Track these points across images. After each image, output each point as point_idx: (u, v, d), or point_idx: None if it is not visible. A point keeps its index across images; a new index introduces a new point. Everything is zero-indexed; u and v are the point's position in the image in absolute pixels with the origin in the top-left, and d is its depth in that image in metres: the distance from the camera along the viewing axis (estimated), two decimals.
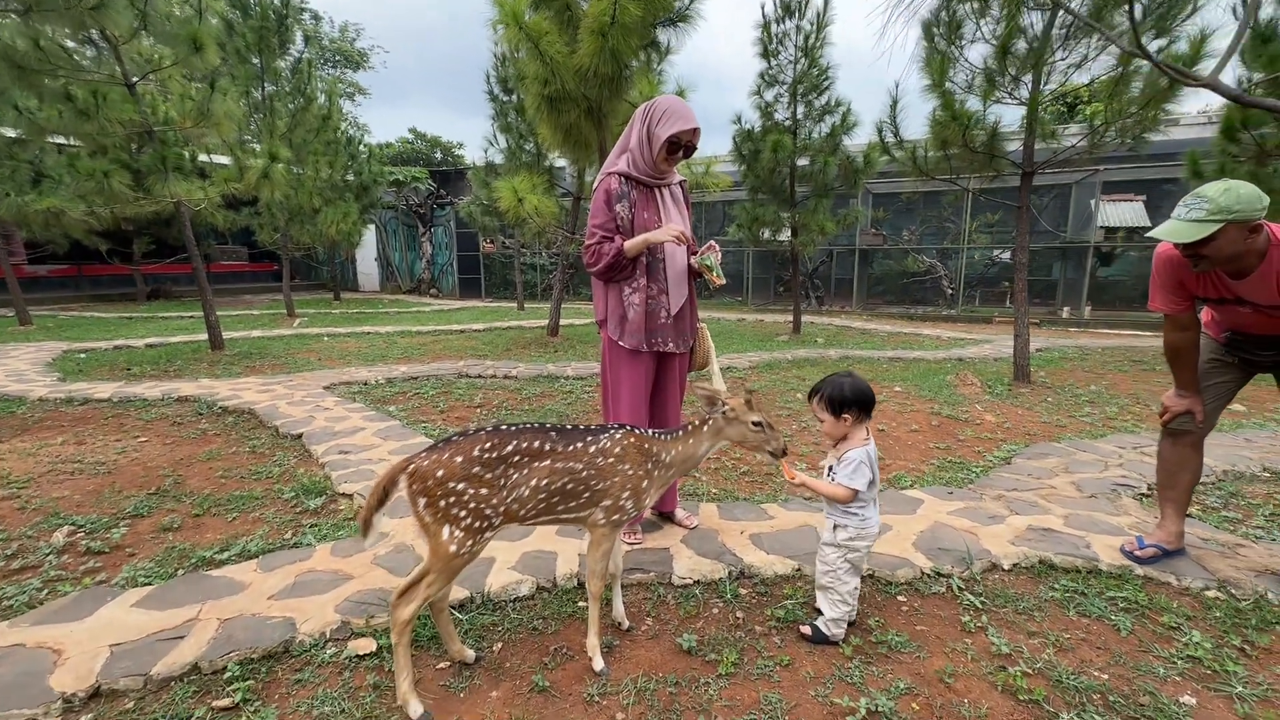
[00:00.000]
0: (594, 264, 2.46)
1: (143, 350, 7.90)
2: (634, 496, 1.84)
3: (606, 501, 1.81)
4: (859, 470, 1.95)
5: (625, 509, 1.84)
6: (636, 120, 2.45)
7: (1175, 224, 1.98)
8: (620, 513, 1.83)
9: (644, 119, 2.42)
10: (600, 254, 2.42)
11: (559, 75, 4.55)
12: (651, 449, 1.91)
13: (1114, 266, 13.31)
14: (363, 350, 8.05)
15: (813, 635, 2.03)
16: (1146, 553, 2.45)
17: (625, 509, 1.84)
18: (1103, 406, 5.12)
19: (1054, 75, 5.76)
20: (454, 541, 1.60)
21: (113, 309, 13.46)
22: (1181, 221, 1.97)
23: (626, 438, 1.87)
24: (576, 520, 1.83)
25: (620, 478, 1.81)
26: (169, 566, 2.51)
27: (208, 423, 4.61)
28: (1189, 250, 2.00)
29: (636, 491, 1.85)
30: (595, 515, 1.82)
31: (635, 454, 1.86)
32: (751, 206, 9.28)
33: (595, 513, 1.82)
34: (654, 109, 2.39)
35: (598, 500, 1.81)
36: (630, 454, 1.85)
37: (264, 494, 3.29)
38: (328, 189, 12.31)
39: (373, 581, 2.32)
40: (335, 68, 29.92)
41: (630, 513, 1.86)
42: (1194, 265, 2.06)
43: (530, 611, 2.19)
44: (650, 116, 2.39)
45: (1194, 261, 2.04)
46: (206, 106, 6.71)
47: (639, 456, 1.86)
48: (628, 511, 1.85)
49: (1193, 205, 1.96)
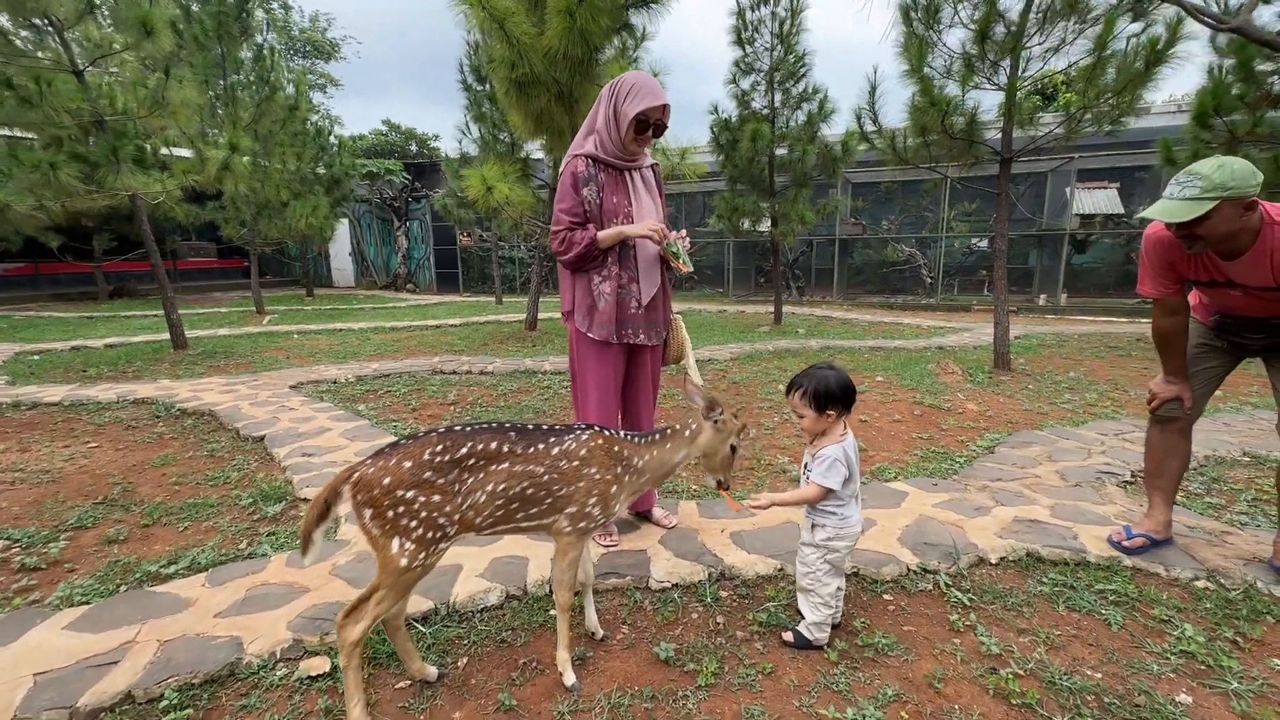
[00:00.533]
0: (564, 252, 2.32)
1: (101, 351, 7.58)
2: (601, 503, 1.71)
3: (571, 508, 1.68)
4: (833, 468, 1.84)
5: (592, 516, 1.70)
6: (603, 99, 2.31)
7: (1168, 203, 1.90)
8: (587, 520, 1.70)
9: (610, 97, 2.28)
10: (570, 242, 2.28)
11: (527, 58, 4.36)
12: (623, 452, 1.77)
13: (1088, 254, 13.47)
14: (334, 347, 7.80)
15: (795, 641, 1.93)
16: (1135, 543, 2.39)
17: (592, 516, 1.70)
18: (1082, 393, 5.11)
19: (1032, 61, 5.72)
20: (405, 554, 1.47)
21: (73, 308, 12.97)
22: (1175, 200, 1.89)
23: (594, 439, 1.74)
24: (539, 528, 1.69)
25: (586, 482, 1.68)
26: (110, 583, 2.34)
27: (165, 426, 4.39)
28: (1183, 231, 1.92)
29: (604, 498, 1.71)
30: (560, 523, 1.68)
31: (603, 457, 1.73)
32: (731, 196, 9.17)
33: (559, 520, 1.68)
34: (620, 86, 2.25)
35: (561, 506, 1.67)
36: (598, 457, 1.71)
37: (220, 501, 3.11)
38: (296, 182, 11.93)
39: (330, 594, 2.17)
40: (306, 58, 29.16)
41: (598, 520, 1.72)
42: (1188, 246, 1.98)
43: (499, 622, 2.07)
44: (617, 94, 2.25)
45: (1188, 243, 1.96)
46: (161, 95, 6.40)
47: (608, 460, 1.73)
48: (595, 519, 1.71)
49: (1186, 183, 1.88)
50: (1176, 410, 2.36)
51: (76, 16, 6.08)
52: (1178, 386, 2.32)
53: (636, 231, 2.27)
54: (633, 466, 1.79)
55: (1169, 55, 5.11)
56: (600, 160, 2.32)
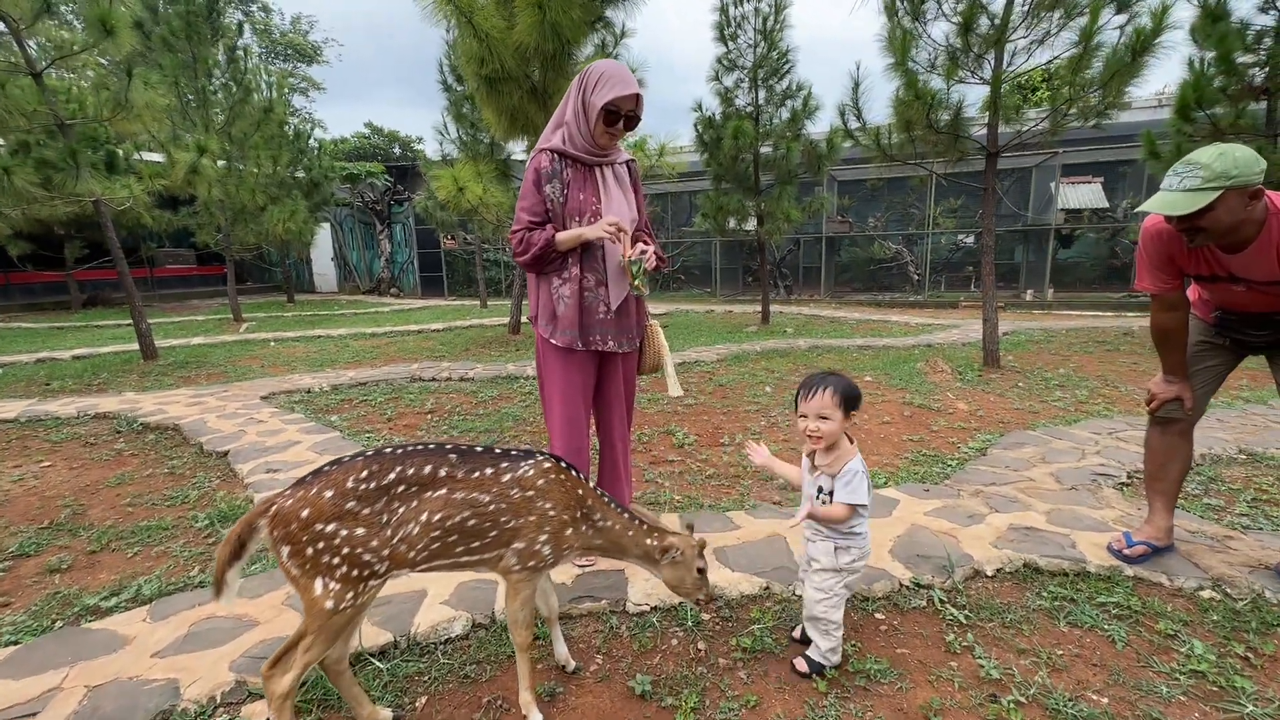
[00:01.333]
0: (521, 253, 2.17)
1: (68, 363, 7.32)
2: (553, 542, 1.53)
3: (519, 544, 1.49)
4: (861, 482, 1.68)
5: (542, 555, 1.52)
6: (572, 90, 2.16)
7: (1169, 195, 1.77)
8: (536, 559, 1.52)
9: (579, 88, 2.12)
10: (528, 243, 2.13)
11: (496, 53, 4.19)
12: (586, 500, 1.60)
13: (1074, 249, 13.51)
14: (311, 355, 7.59)
15: (810, 668, 1.78)
16: (1136, 551, 2.28)
17: (542, 555, 1.52)
18: (1073, 390, 5.03)
19: (1017, 54, 5.64)
20: (330, 596, 1.31)
21: (44, 318, 12.63)
22: (1175, 192, 1.76)
23: (555, 472, 1.56)
24: (482, 564, 1.52)
25: (539, 516, 1.50)
26: (45, 619, 2.16)
27: (125, 442, 4.19)
28: (1184, 224, 1.80)
29: (557, 537, 1.53)
30: (507, 559, 1.51)
31: (561, 494, 1.55)
32: (716, 195, 9.05)
33: (506, 556, 1.50)
34: (589, 75, 2.10)
35: (508, 540, 1.49)
36: (554, 492, 1.54)
37: (175, 523, 2.93)
38: (273, 185, 11.67)
39: (280, 628, 2.01)
40: (287, 61, 28.77)
41: (548, 560, 1.55)
42: (1190, 240, 1.86)
43: (463, 655, 1.91)
44: (585, 84, 2.10)
45: (1189, 236, 1.84)
46: (124, 96, 6.17)
47: (565, 498, 1.55)
48: (545, 559, 1.53)
49: (1185, 173, 1.75)
50: (1177, 411, 2.25)
51: (33, 16, 5.84)
52: (1178, 386, 2.22)
53: (594, 233, 2.11)
54: (591, 520, 1.62)
55: (1155, 45, 5.04)
56: (568, 155, 2.17)
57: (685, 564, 1.67)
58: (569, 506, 1.55)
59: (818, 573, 1.78)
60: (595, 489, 1.68)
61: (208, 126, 9.79)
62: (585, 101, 2.10)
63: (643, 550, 1.69)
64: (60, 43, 6.69)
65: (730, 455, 3.67)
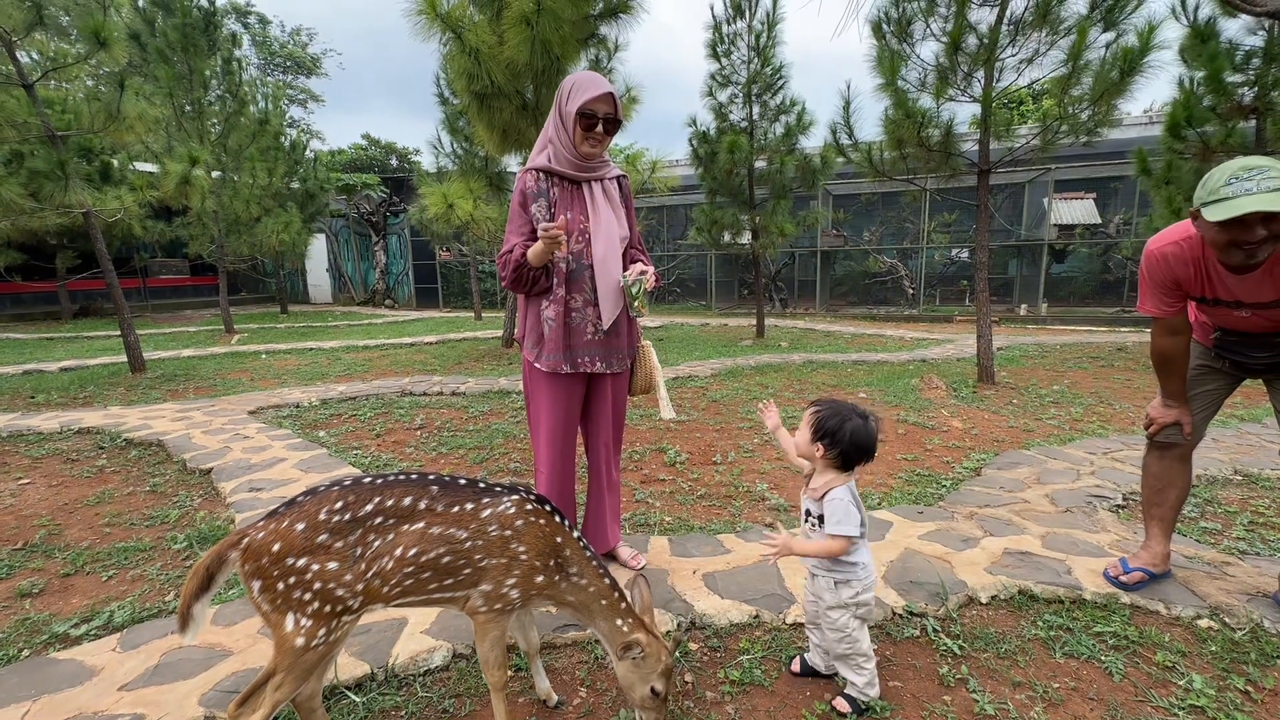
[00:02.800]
0: (504, 277, 2.14)
1: (55, 375, 7.22)
2: (521, 586, 1.46)
3: (486, 585, 1.43)
4: (848, 514, 1.62)
5: (509, 599, 1.46)
6: (554, 107, 2.15)
7: (1261, 196, 1.58)
8: (503, 603, 1.46)
9: (557, 103, 2.12)
10: (504, 263, 2.12)
11: (487, 70, 4.19)
12: (563, 548, 1.52)
13: (1067, 263, 13.58)
14: (301, 368, 7.53)
15: (851, 707, 1.71)
16: (1132, 577, 2.24)
17: (509, 599, 1.46)
18: (1067, 408, 5.01)
19: (1006, 72, 5.68)
20: (301, 633, 1.26)
21: (34, 329, 12.51)
22: (1269, 192, 1.58)
23: (535, 515, 1.49)
24: (451, 602, 1.46)
25: (509, 559, 1.43)
26: (11, 647, 2.09)
27: (107, 458, 4.12)
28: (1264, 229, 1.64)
29: (525, 581, 1.46)
30: (473, 600, 1.45)
31: (537, 539, 1.47)
32: (710, 209, 9.07)
33: (473, 596, 1.44)
34: (562, 89, 2.11)
35: (477, 580, 1.43)
36: (530, 536, 1.46)
37: (153, 545, 2.86)
38: (267, 197, 11.65)
39: (255, 658, 1.95)
40: (285, 73, 28.90)
41: (515, 604, 1.48)
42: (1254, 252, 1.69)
43: (442, 688, 1.85)
44: (560, 97, 2.10)
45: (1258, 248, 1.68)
46: (116, 107, 6.15)
47: (541, 544, 1.48)
48: (512, 602, 1.47)
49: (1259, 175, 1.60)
50: (1176, 435, 2.22)
51: (25, 28, 5.83)
52: (1177, 410, 2.19)
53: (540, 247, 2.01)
54: (565, 572, 1.53)
55: (1142, 65, 5.08)
56: (554, 173, 2.14)
57: (641, 672, 1.49)
58: (542, 553, 1.48)
59: (829, 611, 1.72)
60: (580, 541, 1.58)
61: (203, 138, 9.78)
62: (562, 112, 2.10)
63: (609, 628, 1.55)
64: (54, 54, 6.66)
65: (723, 474, 3.62)
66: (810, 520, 1.73)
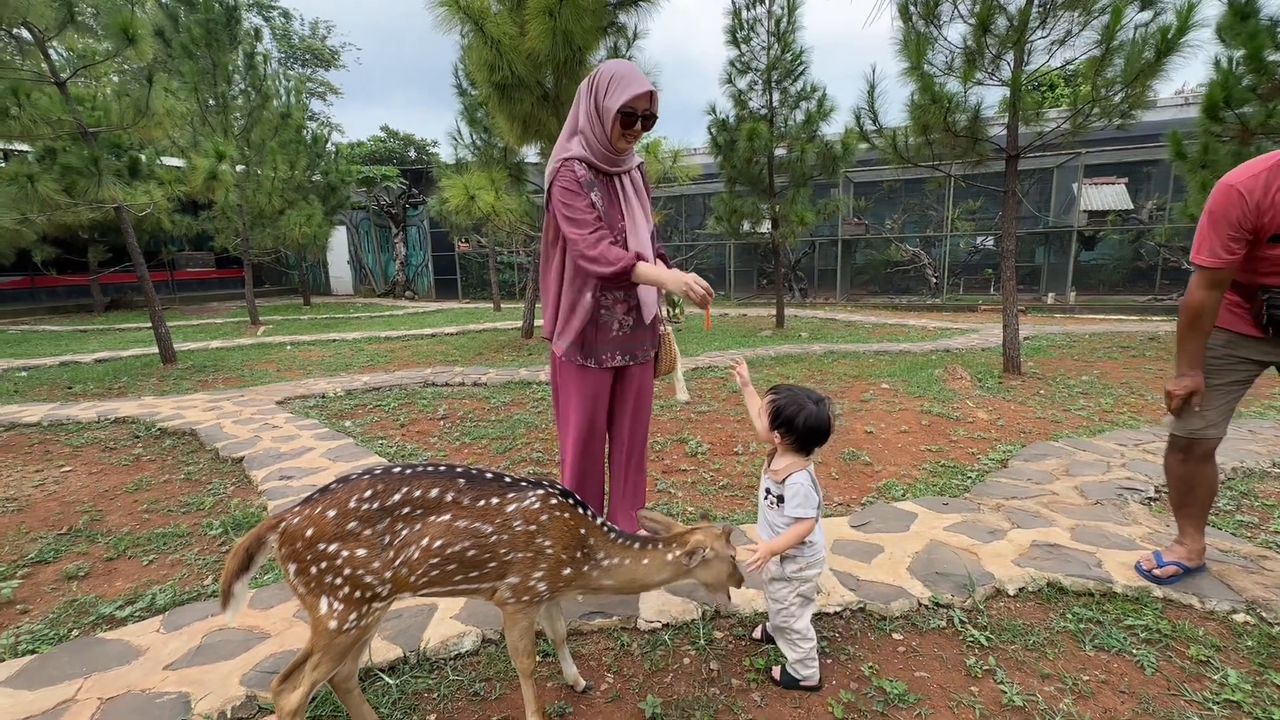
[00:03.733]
0: (593, 261, 1.97)
1: (90, 366, 7.44)
2: (548, 579, 1.49)
3: (513, 578, 1.46)
4: (808, 497, 1.69)
5: (537, 591, 1.49)
6: (582, 95, 2.08)
7: None
8: (531, 595, 1.48)
9: (590, 91, 2.05)
10: (605, 253, 1.96)
11: (508, 60, 4.18)
12: (588, 539, 1.55)
13: (1096, 250, 13.26)
14: (326, 359, 7.66)
15: (782, 679, 1.79)
16: (1166, 571, 2.20)
17: (537, 591, 1.49)
18: (1097, 398, 4.91)
19: (1036, 54, 5.54)
20: (334, 616, 1.30)
21: (68, 321, 12.88)
22: None
23: (560, 509, 1.51)
24: (478, 594, 1.49)
25: (535, 553, 1.46)
26: (61, 627, 2.18)
27: (143, 447, 4.24)
28: None
29: (552, 574, 1.49)
30: (501, 592, 1.47)
31: (562, 532, 1.49)
32: (729, 198, 9.00)
33: (500, 588, 1.47)
34: (599, 79, 2.03)
35: (503, 574, 1.46)
36: (555, 529, 1.49)
37: (190, 530, 2.95)
38: (290, 189, 11.81)
39: (291, 640, 2.01)
40: (306, 66, 29.16)
41: (543, 597, 1.51)
42: None
43: (472, 671, 1.89)
44: (596, 88, 2.03)
45: None
46: (145, 103, 6.27)
47: (567, 537, 1.50)
48: (540, 595, 1.49)
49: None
50: (1196, 427, 2.15)
51: (57, 27, 5.95)
52: (1191, 379, 2.11)
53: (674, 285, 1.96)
54: (594, 560, 1.56)
55: (1179, 44, 4.92)
56: (591, 164, 2.09)
57: (715, 563, 1.63)
58: (568, 546, 1.50)
59: (771, 583, 1.80)
60: (604, 526, 1.61)
61: (226, 132, 9.93)
62: (599, 106, 2.02)
63: (668, 569, 1.62)
64: (84, 51, 6.80)
65: (744, 465, 3.62)
66: (769, 499, 1.78)
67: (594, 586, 1.59)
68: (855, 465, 3.57)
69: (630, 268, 1.97)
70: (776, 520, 1.77)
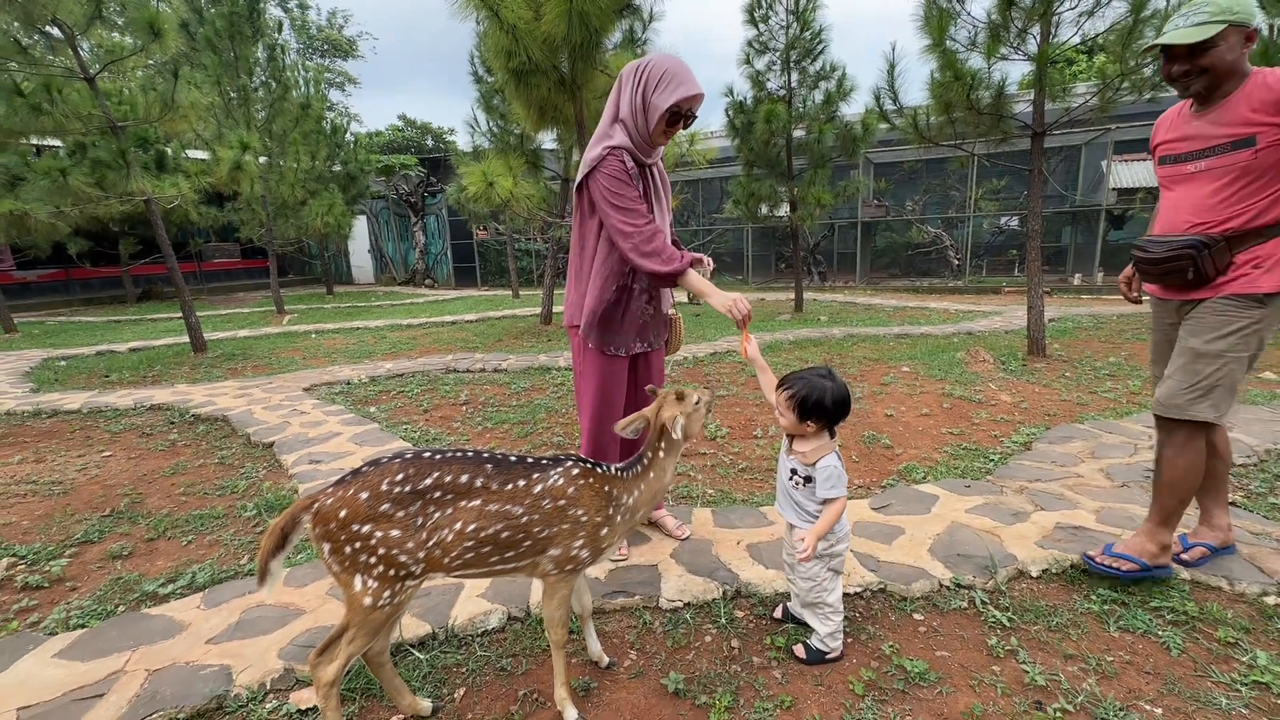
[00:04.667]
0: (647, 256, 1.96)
1: (125, 355, 7.67)
2: (590, 545, 1.55)
3: (555, 550, 1.51)
4: (839, 478, 1.74)
5: (580, 560, 1.55)
6: (625, 84, 2.04)
7: (1179, 30, 1.85)
8: (574, 563, 1.54)
9: (637, 83, 2.01)
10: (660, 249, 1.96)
11: (524, 45, 4.17)
12: (613, 491, 1.60)
13: (1126, 229, 12.89)
14: (349, 347, 7.79)
15: (808, 656, 1.81)
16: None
17: (580, 560, 1.55)
18: (1125, 380, 4.82)
19: (1063, 27, 5.37)
20: (368, 593, 1.35)
21: (102, 312, 13.25)
22: (1184, 28, 1.84)
23: (583, 476, 1.56)
24: (518, 572, 1.54)
25: (572, 524, 1.51)
26: (109, 603, 2.28)
27: (178, 433, 4.38)
28: (1189, 62, 1.87)
29: (593, 540, 1.55)
30: (543, 565, 1.53)
31: (592, 497, 1.55)
32: (747, 181, 8.91)
33: (542, 562, 1.53)
34: (649, 72, 1.99)
35: (543, 548, 1.51)
36: (585, 497, 1.54)
37: (225, 512, 3.05)
38: (312, 180, 11.96)
39: (325, 617, 2.08)
40: (324, 57, 29.33)
41: (586, 563, 1.57)
42: (1187, 86, 1.92)
43: (499, 647, 1.95)
44: (645, 81, 1.99)
45: (1188, 80, 1.90)
46: (171, 96, 6.38)
47: (596, 500, 1.56)
48: (583, 561, 1.56)
49: (1191, 11, 1.86)
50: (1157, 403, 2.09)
51: (85, 22, 6.07)
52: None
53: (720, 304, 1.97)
54: (624, 505, 1.63)
55: None
56: (633, 155, 2.08)
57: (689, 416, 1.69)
58: (600, 508, 1.56)
59: (801, 562, 1.80)
60: (618, 472, 1.66)
61: (249, 124, 10.06)
62: (647, 101, 2.00)
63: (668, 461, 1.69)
64: (111, 46, 6.93)
65: (764, 448, 3.63)
66: (795, 479, 1.80)
67: (629, 526, 1.67)
68: (876, 448, 3.56)
69: (682, 271, 1.98)
70: (804, 500, 1.79)
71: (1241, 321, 1.89)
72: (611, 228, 2.03)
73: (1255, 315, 1.89)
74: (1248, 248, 1.88)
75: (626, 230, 1.99)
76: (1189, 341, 1.97)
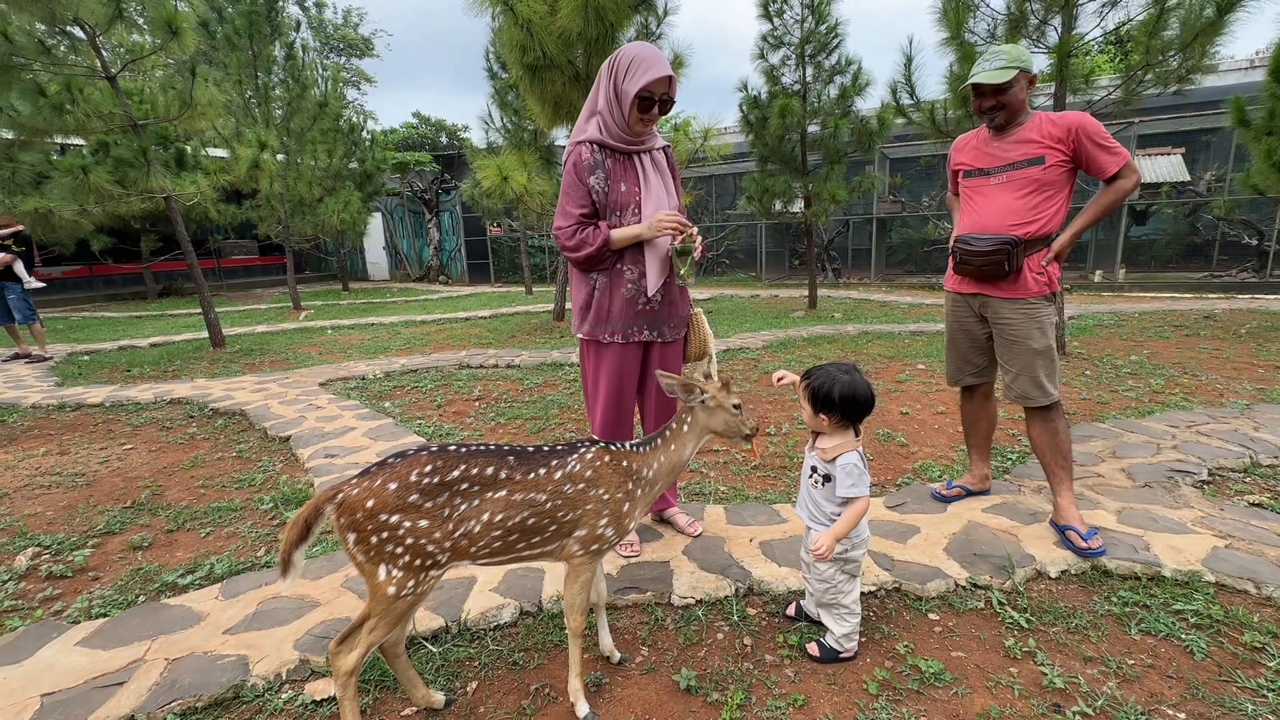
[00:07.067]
0: (574, 251, 2.15)
1: (146, 350, 7.81)
2: (614, 523, 1.60)
3: (581, 531, 1.56)
4: (861, 477, 1.71)
5: (606, 538, 1.59)
6: (602, 77, 2.12)
7: (986, 72, 2.25)
8: (600, 543, 1.59)
9: (609, 75, 2.09)
10: (582, 241, 2.11)
11: (539, 41, 4.16)
12: (631, 466, 1.65)
13: (1149, 225, 12.65)
14: (365, 343, 7.87)
15: (821, 654, 1.80)
16: (953, 491, 2.71)
17: (606, 538, 1.59)
18: (1146, 379, 4.72)
19: (1084, 18, 5.26)
20: (393, 583, 1.37)
21: (124, 308, 13.48)
22: (990, 69, 2.25)
23: (600, 456, 1.61)
24: (545, 556, 1.58)
25: (595, 505, 1.56)
26: (129, 594, 2.32)
27: (197, 426, 4.45)
28: (992, 99, 2.28)
29: (617, 517, 1.60)
30: (570, 547, 1.57)
31: (611, 475, 1.60)
32: (761, 177, 8.84)
33: (569, 544, 1.57)
34: (619, 62, 2.06)
35: (569, 531, 1.56)
36: (605, 476, 1.59)
37: (243, 505, 3.09)
38: (328, 178, 12.07)
39: (340, 609, 2.10)
40: (340, 55, 29.55)
41: (612, 541, 1.61)
42: (991, 119, 2.35)
43: (511, 642, 1.96)
44: (616, 71, 2.06)
45: (993, 113, 2.32)
46: (189, 95, 6.47)
47: (616, 478, 1.60)
48: (609, 540, 1.60)
49: (992, 57, 2.27)
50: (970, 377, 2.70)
51: (107, 22, 6.16)
52: None
53: (653, 233, 2.10)
54: (643, 479, 1.67)
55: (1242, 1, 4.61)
56: (605, 145, 2.14)
57: (721, 405, 1.71)
58: (620, 484, 1.60)
59: (817, 561, 1.79)
60: (636, 447, 1.70)
61: (268, 122, 10.17)
62: (618, 89, 2.07)
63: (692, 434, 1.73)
64: (131, 46, 7.03)
65: (777, 445, 3.61)
66: (814, 477, 1.79)
67: (649, 500, 1.70)
68: (891, 446, 3.52)
69: (605, 240, 2.11)
70: (822, 499, 1.77)
71: (1046, 318, 2.40)
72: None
73: (1050, 310, 2.42)
74: (1031, 254, 2.35)
75: (555, 233, 2.19)
76: (1025, 344, 2.39)
